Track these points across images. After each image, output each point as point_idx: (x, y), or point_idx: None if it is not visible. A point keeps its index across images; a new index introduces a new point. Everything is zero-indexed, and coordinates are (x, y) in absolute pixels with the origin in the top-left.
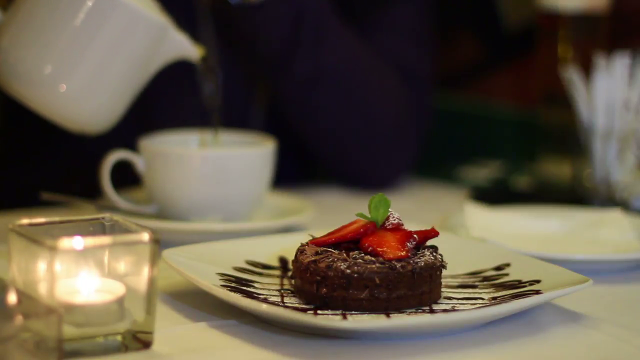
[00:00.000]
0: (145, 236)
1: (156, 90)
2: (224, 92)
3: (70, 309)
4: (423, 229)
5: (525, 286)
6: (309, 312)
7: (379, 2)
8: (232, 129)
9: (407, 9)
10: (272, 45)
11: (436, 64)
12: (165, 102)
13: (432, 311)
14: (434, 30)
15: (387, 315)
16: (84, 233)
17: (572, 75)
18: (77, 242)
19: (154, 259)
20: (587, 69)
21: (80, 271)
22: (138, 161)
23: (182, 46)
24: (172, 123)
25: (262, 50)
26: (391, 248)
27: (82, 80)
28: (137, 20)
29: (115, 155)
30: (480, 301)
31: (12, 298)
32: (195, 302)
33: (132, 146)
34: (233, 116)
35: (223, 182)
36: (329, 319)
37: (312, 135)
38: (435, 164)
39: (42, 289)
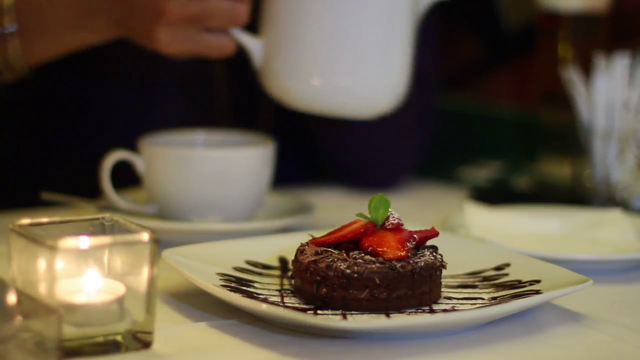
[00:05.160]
0: (145, 236)
1: (156, 90)
2: (231, 91)
3: (70, 309)
4: (423, 229)
5: (525, 286)
6: (309, 312)
7: None
8: (239, 128)
9: None
10: None
11: (442, 65)
12: (164, 102)
13: (432, 311)
14: (439, 31)
15: (387, 315)
16: (84, 233)
17: (572, 75)
18: (78, 242)
19: (154, 259)
20: (587, 69)
21: (80, 271)
22: (138, 161)
23: None
24: (171, 123)
25: None
26: (391, 248)
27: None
28: None
29: (115, 155)
30: (480, 301)
31: (12, 298)
32: (195, 302)
33: (132, 146)
34: (240, 116)
35: (223, 182)
36: (329, 319)
37: (318, 134)
38: (436, 164)
39: (42, 289)
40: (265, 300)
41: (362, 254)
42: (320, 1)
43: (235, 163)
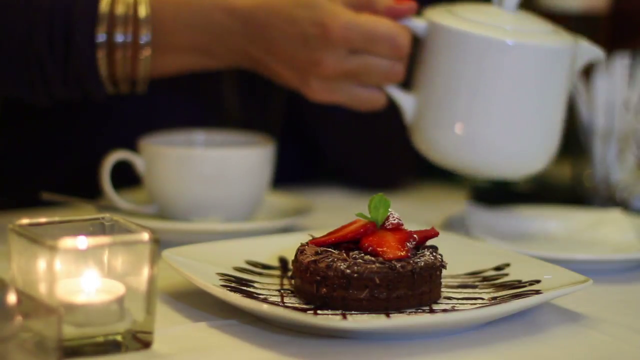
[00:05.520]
0: (145, 236)
1: (156, 90)
2: (239, 92)
3: (70, 309)
4: (423, 229)
5: (525, 286)
6: (309, 312)
7: None
8: (247, 129)
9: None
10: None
11: None
12: (165, 102)
13: (432, 311)
14: None
15: (387, 315)
16: (84, 233)
17: None
18: (78, 242)
19: (154, 258)
20: (587, 69)
21: (80, 271)
22: (138, 161)
23: (592, 52)
24: (172, 123)
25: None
26: (391, 248)
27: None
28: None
29: (115, 155)
30: (480, 301)
31: (12, 298)
32: (195, 302)
33: (132, 146)
34: (248, 117)
35: (223, 182)
36: (329, 319)
37: (321, 135)
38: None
39: (42, 289)
40: (265, 300)
41: (362, 254)
42: (477, 61)
43: (235, 163)
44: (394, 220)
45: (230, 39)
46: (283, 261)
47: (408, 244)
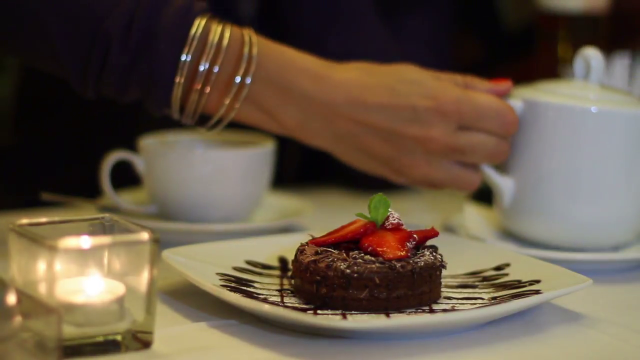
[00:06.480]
0: (145, 236)
1: None
2: None
3: (70, 309)
4: (423, 229)
5: (525, 286)
6: (309, 312)
7: (396, 9)
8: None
9: (424, 17)
10: (306, 20)
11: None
12: None
13: (431, 311)
14: (450, 37)
15: (387, 315)
16: (84, 233)
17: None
18: (78, 242)
19: (154, 259)
20: None
21: (80, 271)
22: (138, 161)
23: None
24: (172, 123)
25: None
26: (391, 248)
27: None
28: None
29: (115, 155)
30: (480, 301)
31: (12, 298)
32: (195, 302)
33: (132, 146)
34: None
35: (223, 182)
36: (329, 319)
37: None
38: None
39: (42, 289)
40: (265, 300)
41: (362, 254)
42: (569, 142)
43: (235, 163)
44: (394, 220)
45: (310, 107)
46: (283, 261)
47: (408, 244)
